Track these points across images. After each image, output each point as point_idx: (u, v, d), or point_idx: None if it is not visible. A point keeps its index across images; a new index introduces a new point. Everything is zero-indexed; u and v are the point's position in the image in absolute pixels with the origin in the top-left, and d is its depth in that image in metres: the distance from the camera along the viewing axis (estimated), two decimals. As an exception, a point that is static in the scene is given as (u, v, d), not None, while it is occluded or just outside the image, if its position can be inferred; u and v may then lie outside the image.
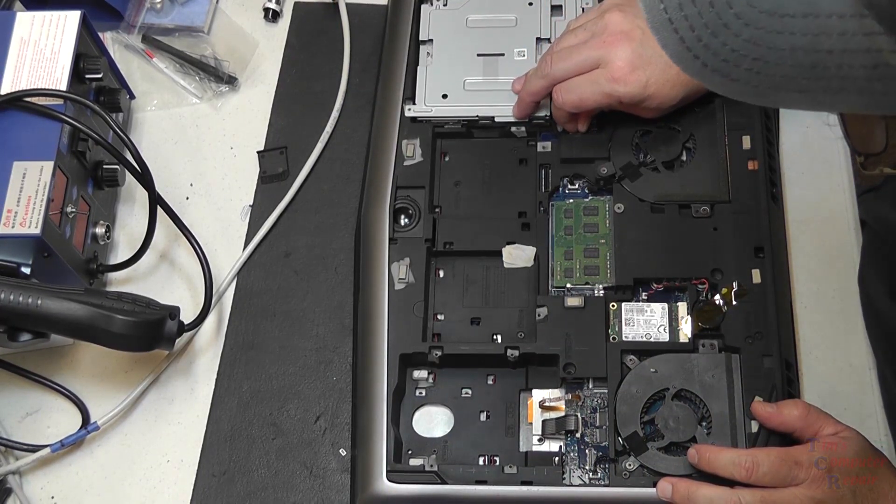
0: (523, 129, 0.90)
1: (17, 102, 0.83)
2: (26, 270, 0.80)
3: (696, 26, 0.45)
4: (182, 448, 0.87)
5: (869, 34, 0.42)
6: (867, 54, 0.43)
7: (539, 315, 0.83)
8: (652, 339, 0.81)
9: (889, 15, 0.41)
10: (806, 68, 0.44)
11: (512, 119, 0.89)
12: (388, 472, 0.79)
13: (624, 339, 0.81)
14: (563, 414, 0.80)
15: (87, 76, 0.88)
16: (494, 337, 0.84)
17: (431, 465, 0.79)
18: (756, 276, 0.82)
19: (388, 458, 0.79)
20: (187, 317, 0.86)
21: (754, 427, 0.77)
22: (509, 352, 0.81)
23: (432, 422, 0.82)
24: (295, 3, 1.03)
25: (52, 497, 0.86)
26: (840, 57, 0.43)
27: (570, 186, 0.88)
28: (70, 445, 0.86)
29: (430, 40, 0.94)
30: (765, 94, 0.47)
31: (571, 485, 0.78)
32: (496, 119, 0.90)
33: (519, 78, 0.89)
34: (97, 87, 0.91)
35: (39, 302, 0.77)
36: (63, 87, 0.85)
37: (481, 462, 0.80)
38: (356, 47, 1.00)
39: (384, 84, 0.94)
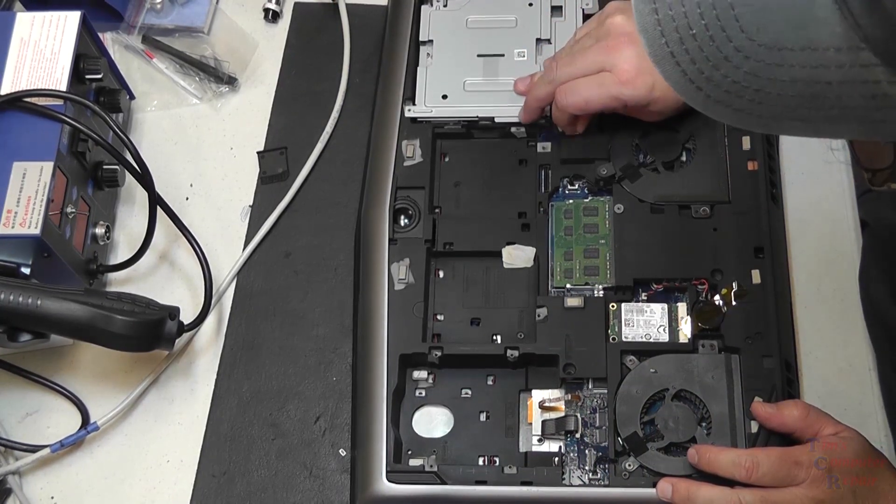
0: (523, 129, 0.90)
1: (17, 103, 0.83)
2: (26, 271, 0.80)
3: (698, 59, 0.46)
4: (182, 448, 0.87)
5: (866, 66, 0.42)
6: (865, 85, 0.43)
7: (539, 315, 0.83)
8: (652, 340, 0.81)
9: (885, 48, 0.41)
10: (806, 99, 0.45)
11: (512, 120, 0.89)
12: (387, 472, 0.79)
13: (624, 339, 0.81)
14: (562, 414, 0.80)
15: (87, 76, 0.88)
16: (494, 337, 0.84)
17: (431, 466, 0.79)
18: (756, 276, 0.82)
19: (387, 458, 0.79)
20: (187, 317, 0.86)
21: (754, 427, 0.77)
22: (509, 352, 0.81)
23: (432, 422, 0.82)
24: (295, 3, 1.03)
25: (52, 497, 0.86)
26: (839, 88, 0.44)
27: (569, 187, 0.88)
28: (70, 445, 0.86)
29: (430, 41, 0.94)
30: (767, 123, 0.47)
31: (571, 485, 0.78)
32: (496, 120, 0.90)
33: (522, 78, 0.89)
34: (97, 88, 0.91)
35: (39, 302, 0.77)
36: (63, 87, 0.85)
37: (481, 462, 0.80)
38: (356, 47, 1.00)
39: (384, 84, 0.93)
